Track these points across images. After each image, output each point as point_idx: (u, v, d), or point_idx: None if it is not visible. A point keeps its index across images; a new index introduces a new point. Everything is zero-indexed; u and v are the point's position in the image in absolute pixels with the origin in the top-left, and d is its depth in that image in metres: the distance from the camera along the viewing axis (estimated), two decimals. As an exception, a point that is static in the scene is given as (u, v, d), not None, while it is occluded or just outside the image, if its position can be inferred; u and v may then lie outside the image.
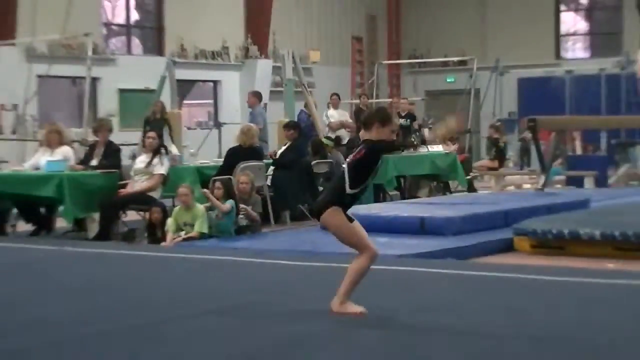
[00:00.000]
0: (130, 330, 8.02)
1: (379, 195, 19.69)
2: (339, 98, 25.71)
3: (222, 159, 17.82)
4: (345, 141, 22.75)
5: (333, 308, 8.19)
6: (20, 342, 7.62)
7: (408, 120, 24.23)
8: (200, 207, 14.59)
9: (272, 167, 17.98)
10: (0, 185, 16.41)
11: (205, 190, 14.79)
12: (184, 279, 11.08)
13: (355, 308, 8.18)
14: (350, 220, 8.16)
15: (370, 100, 27.76)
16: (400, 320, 8.21)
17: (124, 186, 16.01)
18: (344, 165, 8.22)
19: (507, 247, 13.68)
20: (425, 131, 25.65)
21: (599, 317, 8.33)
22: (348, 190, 8.08)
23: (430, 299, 9.22)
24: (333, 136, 22.26)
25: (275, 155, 18.68)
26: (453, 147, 22.65)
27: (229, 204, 14.67)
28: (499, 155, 25.00)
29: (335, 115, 24.41)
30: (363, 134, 8.27)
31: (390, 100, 29.10)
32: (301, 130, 19.82)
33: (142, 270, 11.92)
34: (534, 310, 8.70)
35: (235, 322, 8.24)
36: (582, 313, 8.60)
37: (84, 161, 16.66)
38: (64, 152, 16.44)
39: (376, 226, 14.31)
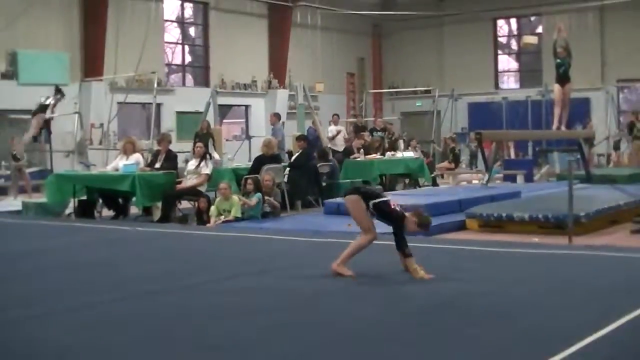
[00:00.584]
0: (194, 287, 8.08)
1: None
2: (338, 117, 25.65)
3: (251, 163, 17.74)
4: (341, 149, 22.81)
5: (333, 267, 8.26)
6: (115, 295, 7.65)
7: (382, 132, 24.86)
8: (236, 198, 14.54)
9: (288, 168, 17.89)
10: (91, 182, 16.45)
11: (242, 198, 14.69)
12: (224, 250, 11.04)
13: (348, 272, 8.20)
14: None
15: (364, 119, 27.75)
16: (384, 278, 8.15)
17: (179, 183, 15.95)
18: (381, 198, 8.37)
19: (461, 226, 13.65)
20: (400, 142, 25.62)
21: (526, 275, 8.40)
22: (371, 210, 8.34)
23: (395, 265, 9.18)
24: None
25: (290, 158, 18.69)
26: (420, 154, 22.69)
27: (256, 198, 14.63)
28: (455, 159, 24.97)
29: (334, 130, 24.35)
30: (408, 217, 8.35)
31: (373, 118, 28.96)
32: (309, 142, 19.83)
33: (193, 244, 11.88)
34: (478, 270, 8.72)
35: (265, 281, 8.23)
36: (514, 273, 8.64)
37: (151, 164, 16.58)
38: (136, 157, 16.36)
39: (364, 211, 14.27)
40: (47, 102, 20.09)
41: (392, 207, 8.34)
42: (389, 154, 22.35)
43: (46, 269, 9.41)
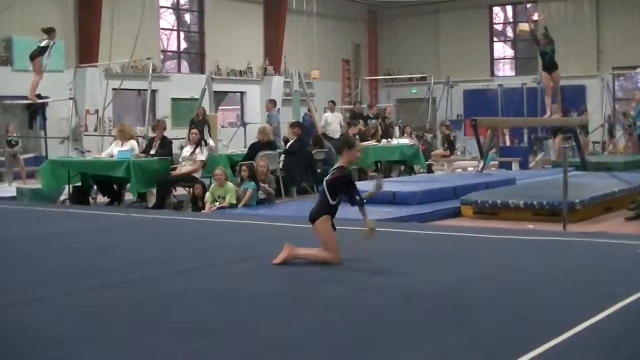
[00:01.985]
0: (189, 272, 8.08)
1: (362, 175, 19.59)
2: (334, 104, 25.60)
3: (247, 150, 17.73)
4: (337, 135, 22.74)
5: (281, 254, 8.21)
6: (109, 281, 7.65)
7: (375, 119, 25.08)
8: (230, 184, 14.54)
9: (283, 155, 17.87)
10: (85, 168, 16.47)
11: (239, 190, 14.68)
12: (219, 236, 11.04)
13: (278, 259, 8.17)
14: (334, 228, 8.23)
15: (360, 106, 27.71)
16: (378, 265, 8.14)
17: (174, 169, 15.95)
18: (323, 184, 8.23)
19: (455, 213, 13.67)
20: (396, 129, 25.63)
21: (520, 262, 8.39)
22: (331, 202, 8.18)
23: (399, 249, 9.17)
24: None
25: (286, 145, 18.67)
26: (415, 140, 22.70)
27: (250, 190, 14.60)
28: (450, 146, 24.96)
29: (330, 116, 24.30)
30: (342, 162, 8.27)
31: (366, 105, 28.94)
32: (304, 128, 19.80)
33: (188, 230, 11.86)
34: (473, 257, 8.71)
35: (260, 266, 8.20)
36: (508, 260, 8.60)
37: (145, 151, 16.59)
38: (131, 144, 16.37)
39: (359, 198, 14.26)
40: (44, 44, 19.98)
41: (330, 178, 8.25)
42: (384, 140, 22.34)
43: (41, 255, 9.41)
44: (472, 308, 6.32)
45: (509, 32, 38.46)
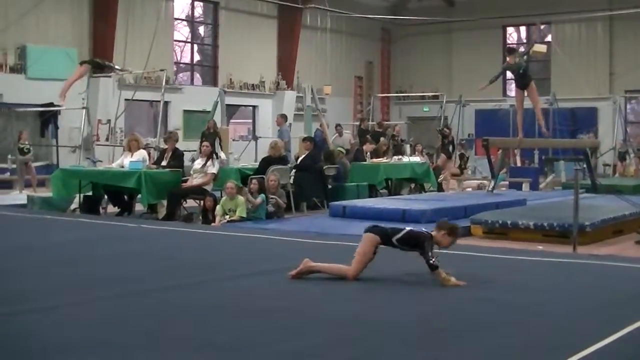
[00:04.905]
0: (196, 285, 8.07)
1: (372, 192, 19.58)
2: (342, 127, 25.70)
3: (258, 164, 17.75)
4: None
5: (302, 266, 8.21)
6: (116, 292, 7.67)
7: (383, 136, 24.90)
8: (241, 198, 14.55)
9: (294, 170, 17.88)
10: (96, 178, 16.47)
11: (247, 195, 14.70)
12: (229, 250, 11.04)
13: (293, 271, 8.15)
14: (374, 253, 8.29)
15: (368, 123, 27.76)
16: (390, 282, 8.14)
17: (185, 181, 15.96)
18: (403, 231, 8.26)
19: (465, 232, 13.57)
20: (407, 147, 25.62)
21: (529, 284, 8.36)
22: (395, 242, 8.32)
23: (407, 267, 9.17)
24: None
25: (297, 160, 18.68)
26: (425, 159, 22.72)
27: (260, 199, 14.65)
28: (464, 164, 24.99)
29: (339, 141, 24.24)
30: (436, 235, 8.28)
31: (372, 122, 28.96)
32: (316, 143, 19.80)
33: (198, 243, 11.88)
34: (482, 277, 8.71)
35: (267, 281, 8.19)
36: (517, 281, 8.58)
37: (157, 162, 16.63)
38: (141, 154, 16.40)
39: (369, 215, 14.31)
40: (108, 63, 20.19)
41: (416, 231, 8.29)
42: (395, 158, 22.33)
43: (49, 264, 9.42)
44: (480, 328, 6.32)
45: (522, 53, 38.44)
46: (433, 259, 8.05)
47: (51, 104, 24.91)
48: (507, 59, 18.16)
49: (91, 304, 7.17)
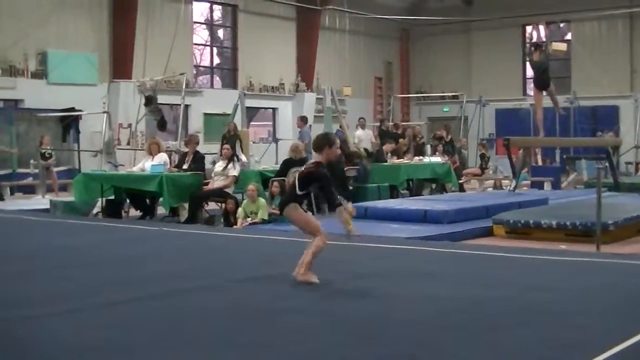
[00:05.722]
0: (216, 287, 8.11)
1: (393, 193, 19.56)
2: (365, 120, 25.65)
3: (279, 166, 17.75)
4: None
5: (297, 277, 8.09)
6: (137, 294, 7.70)
7: (402, 137, 24.94)
8: (262, 200, 14.58)
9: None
10: (118, 182, 16.57)
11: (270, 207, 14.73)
12: (250, 252, 11.06)
13: (314, 278, 8.04)
14: (306, 211, 8.28)
15: (388, 123, 27.75)
16: (403, 281, 8.12)
17: (206, 184, 16.01)
18: (295, 174, 8.31)
19: (487, 232, 13.60)
20: (428, 147, 25.57)
21: (551, 283, 8.29)
22: (298, 192, 8.23)
23: (429, 267, 9.16)
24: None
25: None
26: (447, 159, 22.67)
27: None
28: (484, 164, 24.93)
29: (362, 134, 24.33)
30: (315, 156, 8.35)
31: (394, 124, 28.90)
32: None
33: (220, 245, 11.91)
34: (504, 277, 8.71)
35: (291, 282, 8.15)
36: (540, 280, 8.54)
37: (178, 165, 16.69)
38: (162, 157, 16.46)
39: (391, 216, 14.36)
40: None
41: (305, 170, 8.32)
42: (416, 158, 22.32)
43: (72, 267, 9.49)
44: (501, 328, 6.30)
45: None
46: (334, 196, 8.23)
47: (72, 109, 25.03)
48: (533, 55, 17.98)
49: (112, 305, 7.20)
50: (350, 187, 18.33)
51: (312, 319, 6.66)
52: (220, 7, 32.87)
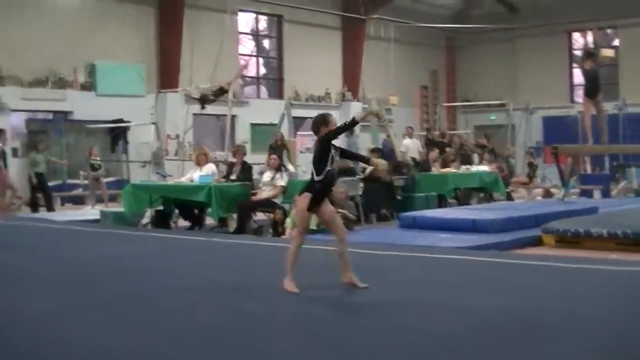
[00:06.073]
0: (269, 295, 8.07)
1: (441, 202, 19.52)
2: (412, 129, 25.63)
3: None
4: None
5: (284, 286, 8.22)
6: (188, 301, 7.82)
7: (449, 146, 24.75)
8: (310, 210, 14.57)
9: (362, 181, 17.88)
10: (167, 192, 16.63)
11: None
12: (300, 262, 11.05)
13: (294, 288, 8.15)
14: (309, 210, 8.21)
15: (435, 132, 27.67)
16: (458, 289, 8.11)
17: (254, 194, 16.05)
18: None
19: (536, 242, 13.53)
20: (475, 156, 25.47)
21: (602, 293, 8.25)
22: (316, 178, 8.14)
23: (477, 276, 9.13)
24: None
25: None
26: (494, 167, 22.57)
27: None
28: (533, 173, 24.80)
29: (409, 143, 24.30)
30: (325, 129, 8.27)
31: (440, 133, 28.80)
32: (384, 154, 19.78)
33: (268, 255, 11.93)
34: (555, 287, 8.63)
35: (336, 293, 8.16)
36: (590, 290, 8.47)
37: (226, 176, 16.75)
38: (210, 168, 16.54)
39: (439, 225, 14.33)
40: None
41: (315, 147, 8.34)
42: (463, 167, 22.25)
43: (122, 275, 9.61)
44: (551, 338, 6.26)
45: (589, 58, 37.99)
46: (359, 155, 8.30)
47: (120, 120, 25.26)
48: (585, 63, 17.80)
49: (161, 314, 7.30)
50: (398, 197, 18.34)
51: (362, 328, 6.67)
52: (265, 17, 33.01)
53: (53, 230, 15.72)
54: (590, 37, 37.20)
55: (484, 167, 22.47)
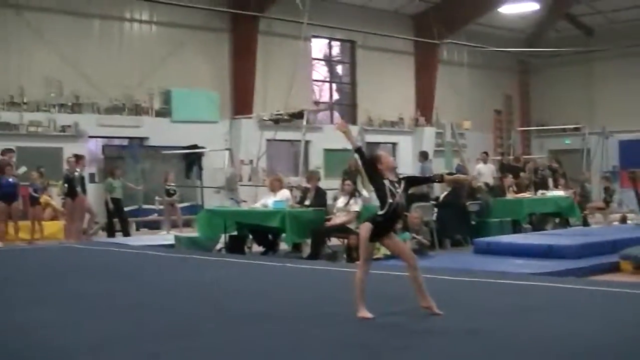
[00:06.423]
0: (343, 321, 8.09)
1: (516, 228, 19.34)
2: (487, 155, 25.49)
3: (400, 200, 17.73)
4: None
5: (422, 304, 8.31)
6: (265, 326, 7.86)
7: (523, 171, 24.38)
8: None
9: (437, 207, 17.81)
10: (241, 218, 16.75)
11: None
12: (372, 288, 11.00)
13: (368, 314, 8.19)
14: (372, 240, 8.24)
15: (509, 157, 27.49)
16: (535, 316, 8.00)
17: (328, 220, 16.06)
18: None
19: (614, 268, 13.34)
20: (550, 180, 25.21)
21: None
22: (379, 212, 8.26)
23: (554, 303, 9.02)
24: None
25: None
26: (570, 192, 22.34)
27: (407, 240, 14.62)
28: (609, 198, 24.47)
29: (483, 168, 24.16)
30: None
31: (515, 157, 28.59)
32: (457, 179, 19.65)
33: (344, 281, 11.92)
34: (632, 314, 8.51)
35: (410, 319, 8.12)
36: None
37: (300, 201, 16.80)
38: (284, 194, 16.60)
39: (514, 251, 14.23)
40: None
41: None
42: (539, 192, 22.04)
43: (197, 301, 9.73)
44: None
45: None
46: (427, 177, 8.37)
47: (195, 146, 25.50)
48: None
49: (245, 340, 7.34)
50: (472, 222, 18.22)
51: (434, 355, 6.63)
52: (338, 43, 33.12)
53: (128, 255, 15.92)
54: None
55: (560, 192, 22.23)
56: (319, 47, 32.43)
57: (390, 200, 8.22)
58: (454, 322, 7.93)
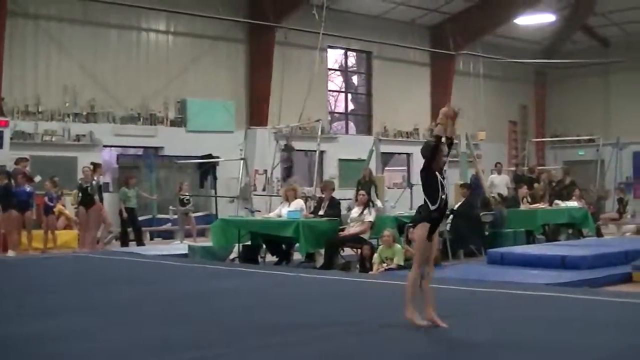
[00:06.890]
0: (358, 332, 8.12)
1: (529, 239, 19.32)
2: (501, 165, 25.45)
3: (414, 211, 17.73)
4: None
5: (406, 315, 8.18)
6: (283, 337, 7.85)
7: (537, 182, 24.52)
8: (398, 246, 14.58)
9: (451, 217, 17.80)
10: (255, 227, 16.74)
11: (406, 246, 14.74)
12: (385, 298, 11.04)
13: (418, 320, 8.11)
14: (429, 238, 8.08)
15: (523, 168, 27.42)
16: (548, 328, 8.00)
17: (342, 230, 16.07)
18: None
19: (627, 279, 13.33)
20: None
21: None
22: (432, 207, 8.10)
23: (567, 314, 9.01)
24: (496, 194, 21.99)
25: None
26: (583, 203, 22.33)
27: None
28: (623, 209, 24.42)
29: (497, 179, 24.13)
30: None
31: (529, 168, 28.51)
32: (472, 190, 19.65)
33: (356, 290, 11.94)
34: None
35: (424, 329, 8.12)
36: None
37: (314, 211, 16.81)
38: (298, 203, 16.61)
39: (529, 261, 14.21)
40: None
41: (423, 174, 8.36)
42: (554, 203, 22.01)
43: (216, 311, 9.73)
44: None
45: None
46: None
47: (210, 156, 25.55)
48: None
49: (260, 350, 7.34)
50: (486, 233, 18.20)
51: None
52: (354, 53, 33.17)
53: (142, 265, 15.96)
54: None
55: (574, 203, 22.19)
56: (335, 57, 32.50)
57: (442, 195, 8.16)
58: (471, 334, 7.96)
